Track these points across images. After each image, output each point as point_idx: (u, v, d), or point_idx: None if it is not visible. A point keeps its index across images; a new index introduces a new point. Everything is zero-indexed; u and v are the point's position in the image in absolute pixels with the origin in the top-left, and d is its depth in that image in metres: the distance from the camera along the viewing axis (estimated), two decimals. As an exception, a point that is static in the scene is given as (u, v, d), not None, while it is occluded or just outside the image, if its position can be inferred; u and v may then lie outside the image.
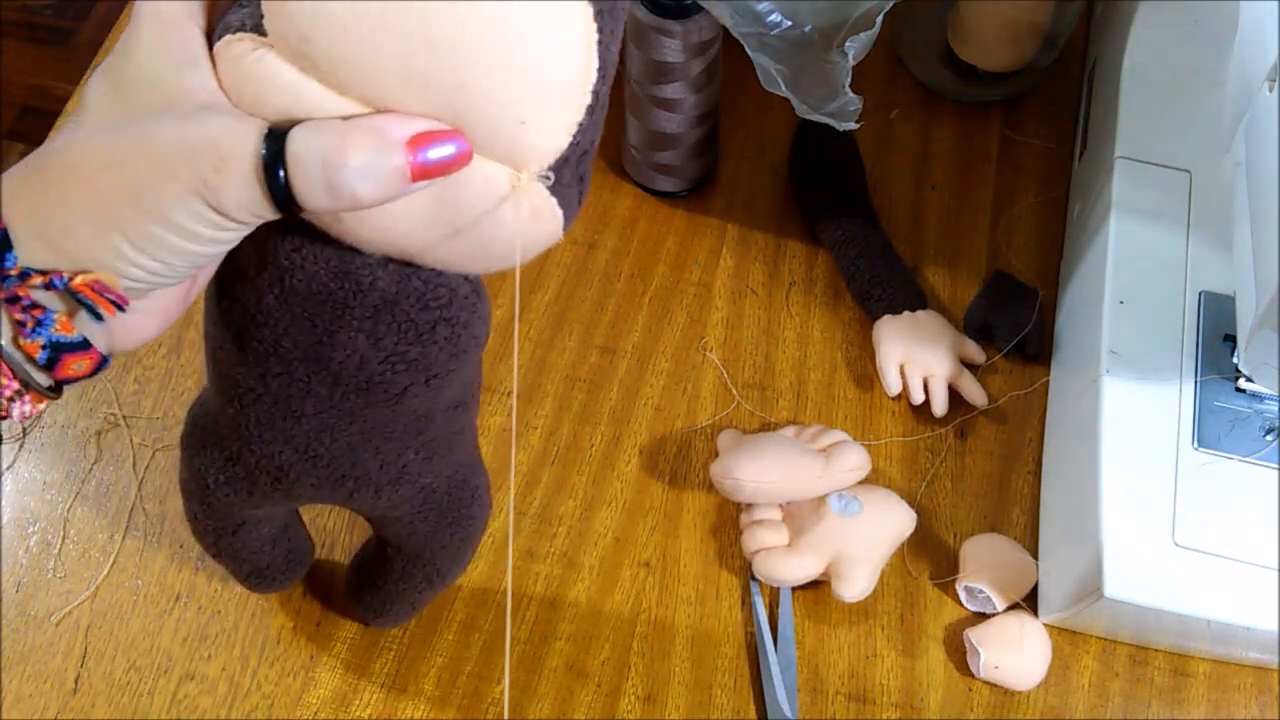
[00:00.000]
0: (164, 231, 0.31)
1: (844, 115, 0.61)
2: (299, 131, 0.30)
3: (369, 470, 0.44)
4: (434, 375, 0.40)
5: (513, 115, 0.32)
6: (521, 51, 0.31)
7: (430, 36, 0.30)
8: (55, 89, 1.69)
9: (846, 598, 0.60)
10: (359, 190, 0.30)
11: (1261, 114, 0.49)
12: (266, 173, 0.30)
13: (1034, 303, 0.70)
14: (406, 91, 0.31)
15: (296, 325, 0.37)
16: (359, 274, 0.36)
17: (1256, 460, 0.58)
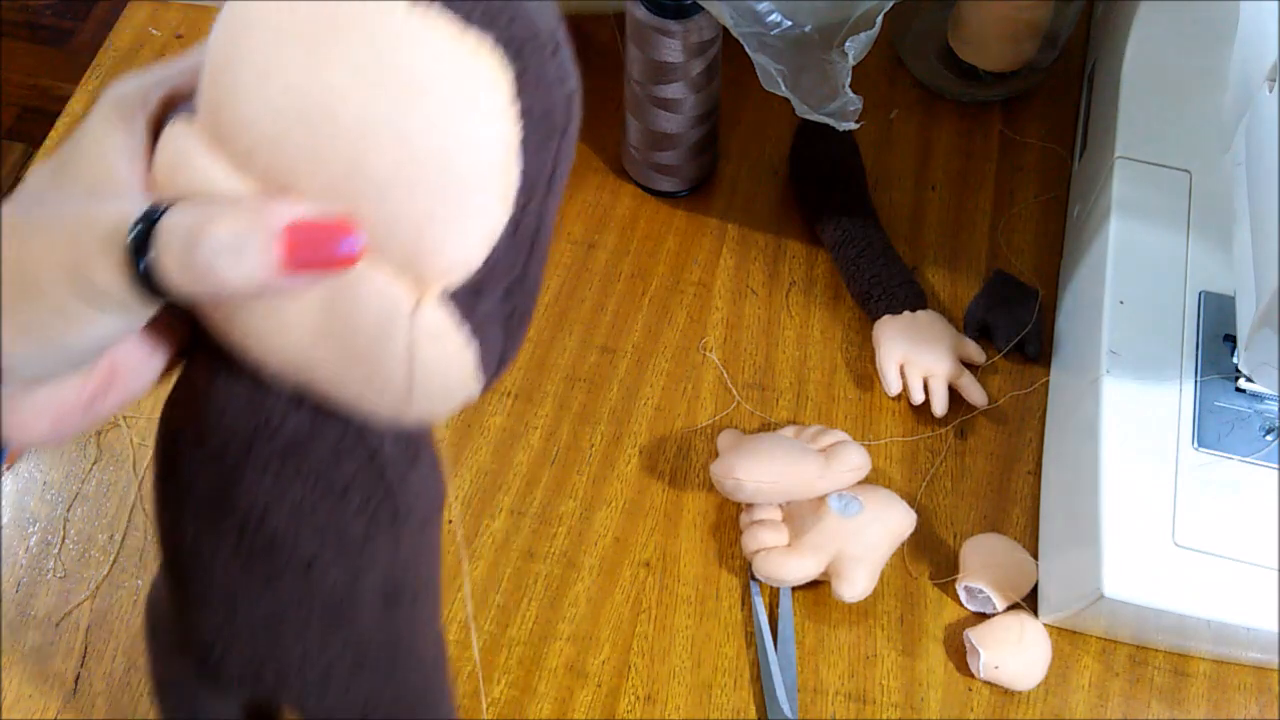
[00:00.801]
0: (42, 313, 0.28)
1: (844, 115, 0.61)
2: (174, 208, 0.28)
3: (290, 658, 0.37)
4: (346, 549, 0.34)
5: (415, 213, 0.29)
6: (424, 131, 0.28)
7: (329, 107, 0.28)
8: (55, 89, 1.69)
9: (846, 598, 0.60)
10: (220, 269, 0.27)
11: (1261, 114, 0.49)
12: (133, 251, 0.28)
13: (1034, 303, 0.70)
14: (305, 170, 0.29)
15: (208, 461, 0.34)
16: (269, 409, 0.32)
17: (1256, 460, 0.58)
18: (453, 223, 0.29)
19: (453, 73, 0.28)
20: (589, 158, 0.77)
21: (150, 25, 0.82)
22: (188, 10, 0.83)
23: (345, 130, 0.28)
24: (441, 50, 0.28)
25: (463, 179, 0.29)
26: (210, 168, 0.29)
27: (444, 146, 0.28)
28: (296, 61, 0.28)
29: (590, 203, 0.76)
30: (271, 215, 0.28)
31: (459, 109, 0.28)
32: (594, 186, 0.76)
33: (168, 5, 0.83)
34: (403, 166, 0.28)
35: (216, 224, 0.27)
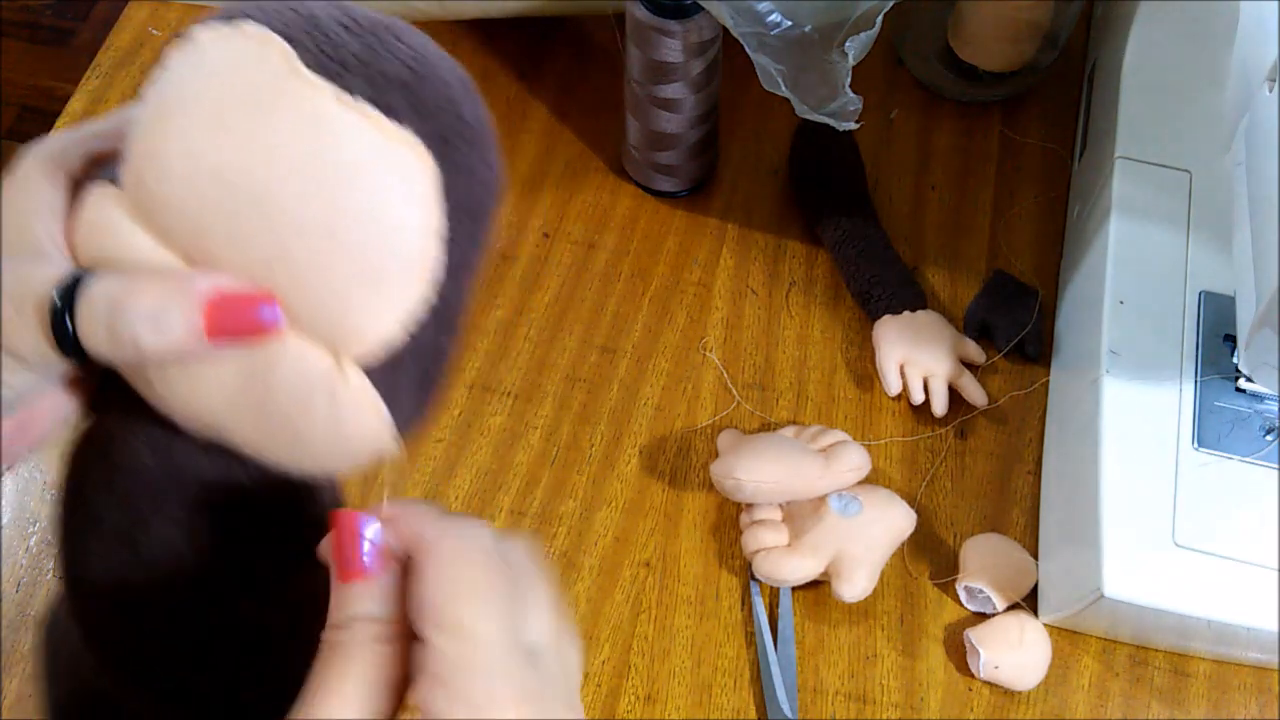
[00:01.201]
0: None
1: (844, 115, 0.61)
2: (98, 276, 0.29)
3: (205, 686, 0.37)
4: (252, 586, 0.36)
5: (337, 296, 0.29)
6: (348, 218, 0.29)
7: (255, 191, 0.29)
8: (55, 89, 1.69)
9: (846, 598, 0.60)
10: (140, 335, 0.28)
11: (1261, 114, 0.49)
12: (54, 313, 0.29)
13: (1034, 303, 0.70)
14: (229, 248, 0.29)
15: (116, 506, 0.34)
16: (179, 458, 0.33)
17: (1256, 460, 0.58)
18: (373, 305, 0.30)
19: (379, 164, 0.29)
20: (589, 158, 0.77)
21: (150, 25, 0.82)
22: (188, 10, 0.83)
23: (270, 216, 0.29)
24: (369, 142, 0.29)
25: (386, 266, 0.30)
26: (135, 238, 0.30)
27: (368, 235, 0.29)
28: (223, 145, 0.29)
29: (590, 203, 0.76)
30: (193, 286, 0.29)
31: (384, 200, 0.29)
32: (594, 186, 0.76)
33: (168, 5, 0.83)
34: (327, 252, 0.29)
35: (139, 294, 0.28)
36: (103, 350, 0.29)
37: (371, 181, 0.29)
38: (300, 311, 0.30)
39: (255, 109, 0.29)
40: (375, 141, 0.29)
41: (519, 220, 0.75)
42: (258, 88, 0.29)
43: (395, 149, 0.29)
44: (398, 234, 0.30)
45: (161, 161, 0.29)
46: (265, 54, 0.29)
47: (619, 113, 0.74)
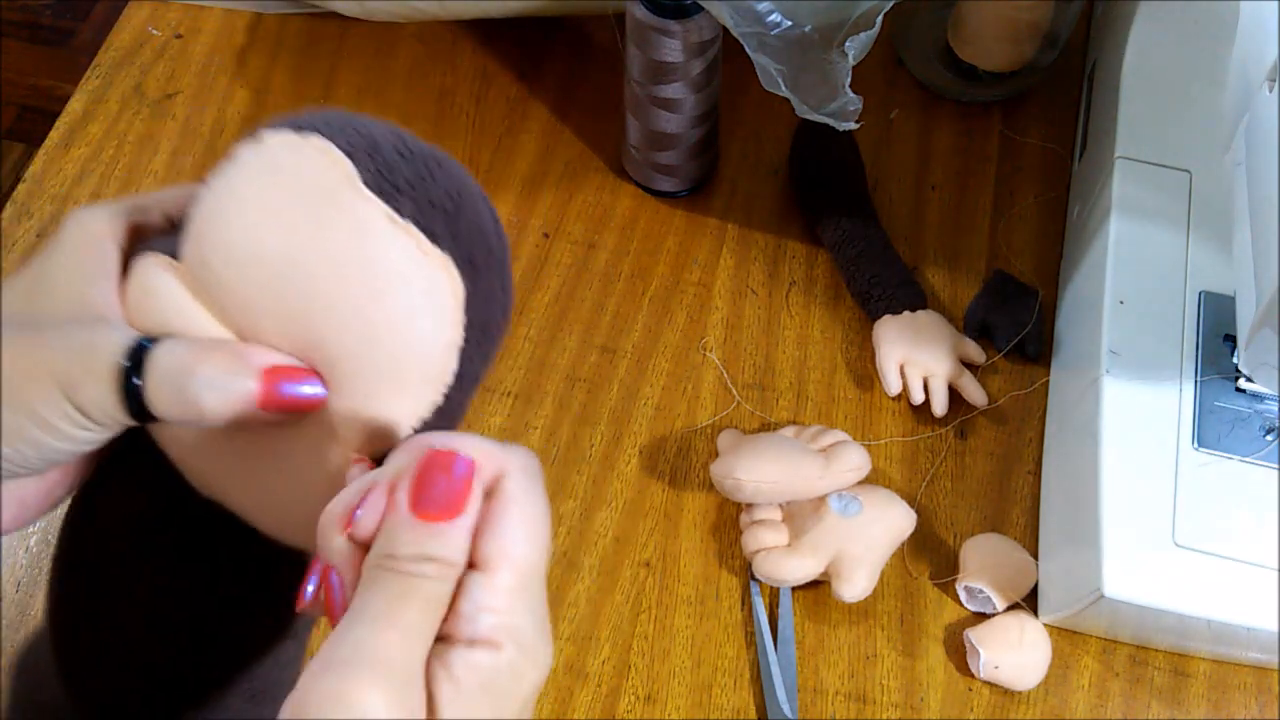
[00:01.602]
0: (28, 424, 0.32)
1: (844, 115, 0.61)
2: (165, 341, 0.32)
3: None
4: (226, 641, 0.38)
5: (361, 389, 0.33)
6: (384, 326, 0.32)
7: (306, 286, 0.32)
8: (55, 89, 1.69)
9: (846, 598, 0.60)
10: (205, 400, 0.32)
11: (1261, 114, 0.49)
12: (125, 376, 0.32)
13: (1034, 303, 0.70)
14: (276, 331, 0.33)
15: (118, 551, 0.37)
16: (184, 514, 0.36)
17: (1256, 460, 0.58)
18: (390, 402, 0.34)
19: (418, 280, 0.33)
20: (589, 158, 0.77)
21: (150, 25, 0.82)
22: (188, 10, 0.83)
23: (316, 310, 0.32)
24: (411, 259, 0.33)
25: (409, 371, 0.33)
26: (195, 312, 0.33)
27: (399, 343, 0.33)
28: (284, 241, 0.32)
29: (590, 203, 0.76)
30: (252, 359, 0.32)
31: (418, 313, 0.33)
32: (594, 186, 0.76)
33: (168, 5, 0.83)
34: (360, 353, 0.33)
35: (206, 363, 0.32)
36: (168, 411, 0.32)
37: (409, 295, 0.33)
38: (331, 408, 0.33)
39: (315, 214, 0.32)
40: (417, 260, 0.33)
41: (519, 220, 0.75)
42: (319, 195, 0.33)
43: (433, 268, 0.33)
44: (424, 345, 0.33)
45: (227, 248, 0.33)
46: (329, 167, 0.33)
47: (619, 113, 0.74)
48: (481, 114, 0.79)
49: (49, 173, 0.76)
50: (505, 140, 0.78)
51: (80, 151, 0.77)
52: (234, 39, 0.82)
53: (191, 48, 0.81)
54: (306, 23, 0.83)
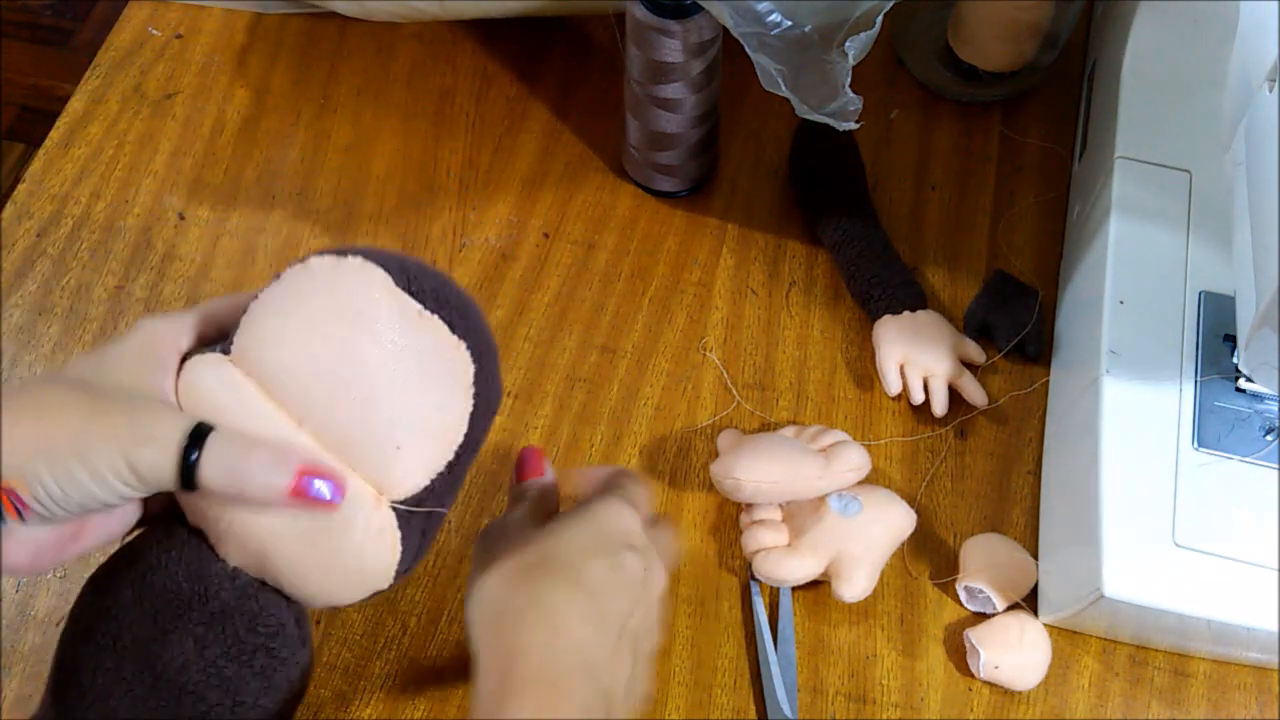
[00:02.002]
0: (82, 471, 0.37)
1: (844, 115, 0.61)
2: (221, 429, 0.39)
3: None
4: (240, 702, 0.42)
5: (392, 448, 0.41)
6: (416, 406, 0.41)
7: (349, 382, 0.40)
8: (55, 89, 1.69)
9: (846, 598, 0.60)
10: (249, 482, 0.38)
11: (1261, 114, 0.49)
12: (185, 450, 0.38)
13: (1034, 303, 0.70)
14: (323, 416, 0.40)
15: (141, 620, 0.41)
16: (209, 580, 0.42)
17: (1256, 460, 0.58)
18: (414, 462, 0.42)
19: (442, 361, 0.42)
20: (589, 158, 0.77)
21: (150, 25, 0.82)
22: (187, 10, 0.83)
23: (360, 397, 0.40)
24: (438, 346, 0.42)
25: (432, 433, 0.42)
26: (255, 397, 0.41)
27: (426, 409, 0.42)
28: (327, 344, 0.40)
29: (590, 203, 0.76)
30: (291, 455, 0.39)
31: (440, 384, 0.42)
32: (594, 186, 0.76)
33: (168, 5, 0.83)
34: (396, 419, 0.41)
35: (258, 452, 0.39)
36: (214, 483, 0.38)
37: (435, 374, 0.42)
38: (362, 459, 0.41)
39: (355, 311, 0.40)
40: (445, 343, 0.42)
41: (519, 220, 0.75)
42: (359, 298, 0.41)
43: (454, 350, 0.42)
44: (445, 413, 0.42)
45: (276, 352, 0.41)
46: (367, 275, 0.41)
47: (619, 113, 0.74)
48: (481, 114, 0.79)
49: (49, 173, 0.76)
50: (505, 140, 0.78)
51: (80, 151, 0.77)
52: (234, 39, 0.82)
53: (191, 48, 0.81)
54: (306, 23, 0.83)
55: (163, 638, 0.41)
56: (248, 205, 0.75)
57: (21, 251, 0.73)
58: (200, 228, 0.74)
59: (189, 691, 0.41)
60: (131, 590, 0.42)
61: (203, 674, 0.41)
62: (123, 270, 0.73)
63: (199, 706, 0.41)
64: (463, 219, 0.75)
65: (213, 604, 0.41)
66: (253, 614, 0.42)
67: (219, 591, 0.41)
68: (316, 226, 0.75)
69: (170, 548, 0.42)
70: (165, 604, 0.41)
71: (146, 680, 0.41)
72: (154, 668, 0.41)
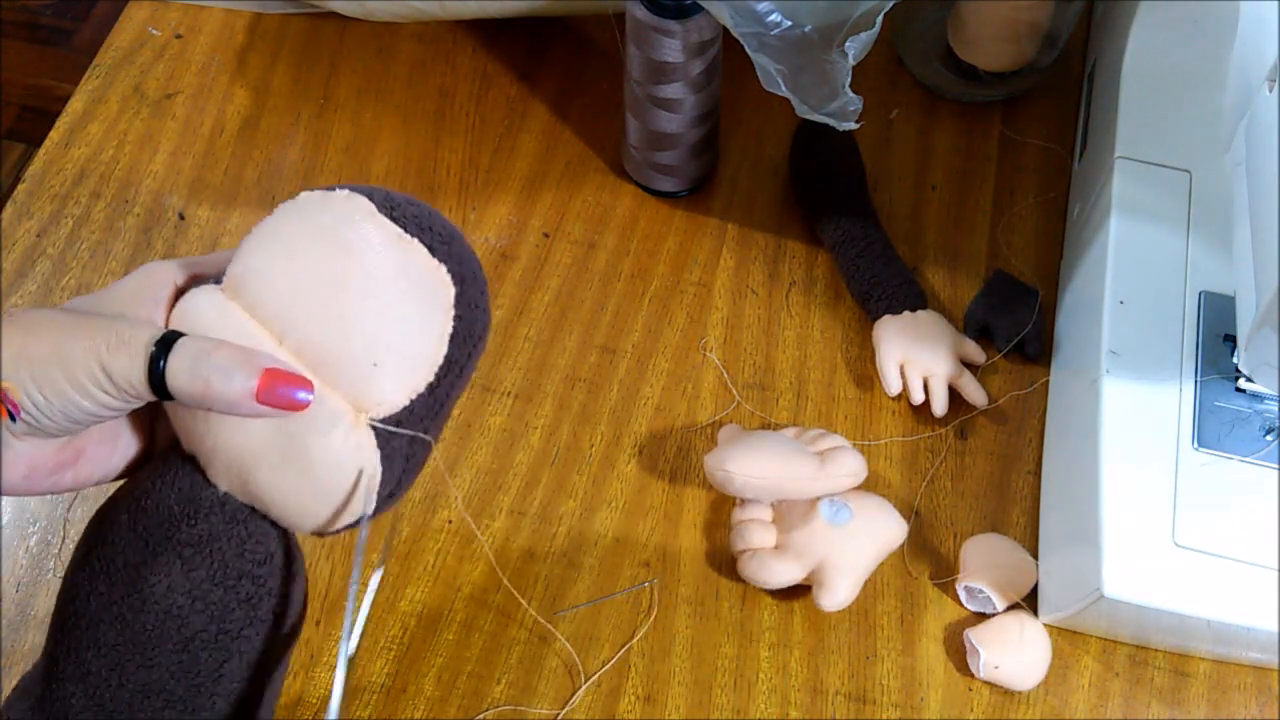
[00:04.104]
0: (60, 377, 0.38)
1: (844, 115, 0.61)
2: (188, 335, 0.39)
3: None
4: (224, 631, 0.42)
5: (370, 364, 0.41)
6: (394, 323, 0.41)
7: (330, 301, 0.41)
8: (55, 89, 1.69)
9: (826, 607, 0.60)
10: (212, 379, 0.38)
11: (1261, 114, 0.49)
12: (154, 355, 0.39)
13: (1034, 303, 0.70)
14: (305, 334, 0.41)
15: (133, 544, 0.42)
16: (198, 503, 0.42)
17: (1256, 460, 0.58)
18: (391, 381, 0.41)
19: (421, 282, 0.42)
20: (589, 158, 0.78)
21: (150, 25, 0.82)
22: (187, 10, 0.83)
23: (338, 314, 0.41)
24: (418, 267, 0.42)
25: (410, 353, 0.42)
26: (242, 320, 0.41)
27: (404, 327, 0.42)
28: (309, 265, 0.41)
29: (590, 203, 0.76)
30: (256, 357, 0.39)
31: (419, 304, 0.42)
32: (594, 186, 0.76)
33: (168, 5, 0.83)
34: (374, 336, 0.41)
35: (219, 350, 0.39)
36: (180, 383, 0.38)
37: (414, 294, 0.42)
38: (340, 376, 0.41)
39: (338, 235, 0.41)
40: (425, 265, 0.42)
41: (519, 220, 0.75)
42: (342, 222, 0.41)
43: (436, 272, 0.42)
44: (424, 333, 0.42)
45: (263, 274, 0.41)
46: (351, 204, 0.42)
47: (619, 113, 0.74)
48: (481, 114, 0.79)
49: (49, 173, 0.76)
50: (505, 140, 0.78)
51: (80, 151, 0.77)
52: (234, 39, 0.82)
53: (191, 48, 0.81)
54: (306, 23, 0.83)
55: (151, 560, 0.41)
56: (248, 205, 0.75)
57: (21, 251, 0.73)
58: (200, 228, 0.74)
59: (174, 615, 0.41)
60: (126, 515, 0.42)
61: (188, 597, 0.41)
62: (123, 270, 0.73)
63: (184, 631, 0.41)
64: (463, 219, 0.75)
65: (201, 527, 0.41)
66: (240, 539, 0.42)
67: (208, 515, 0.42)
68: (316, 226, 0.75)
69: (164, 472, 0.42)
70: (155, 526, 0.42)
71: (135, 603, 0.41)
72: (140, 590, 0.41)
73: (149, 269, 0.43)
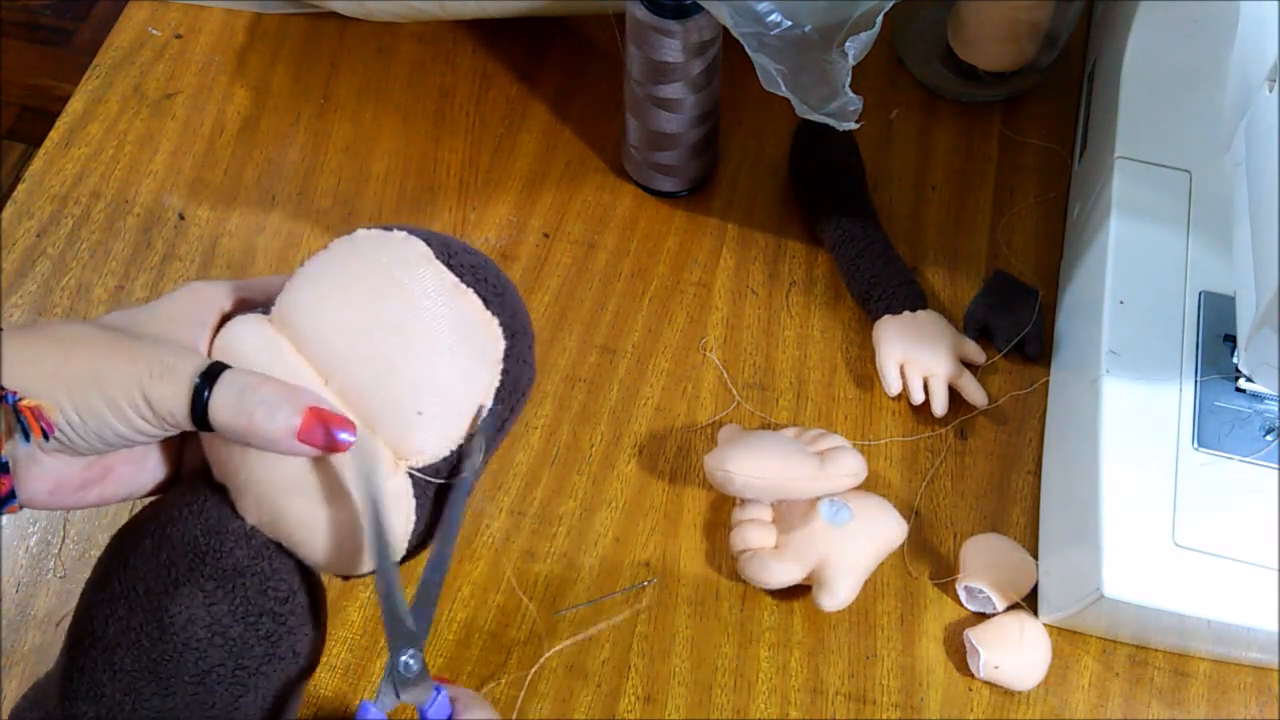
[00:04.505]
0: (99, 400, 0.38)
1: (844, 115, 0.61)
2: (241, 369, 0.39)
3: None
4: (242, 666, 0.41)
5: (414, 415, 0.41)
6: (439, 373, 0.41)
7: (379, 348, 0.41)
8: (55, 89, 1.69)
9: (826, 607, 0.60)
10: (256, 416, 0.38)
11: (1261, 114, 0.49)
12: (198, 386, 0.38)
13: (1034, 303, 0.70)
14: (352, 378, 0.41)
15: (155, 571, 0.41)
16: (224, 536, 0.42)
17: (1256, 460, 0.58)
18: (435, 424, 0.41)
19: (472, 334, 0.42)
20: (589, 158, 0.77)
21: (150, 25, 0.82)
22: (187, 10, 0.83)
23: (387, 359, 0.40)
24: (470, 319, 0.42)
25: (455, 403, 0.42)
26: (289, 355, 0.41)
27: (452, 377, 0.41)
28: (362, 306, 0.41)
29: (590, 203, 0.76)
30: (300, 394, 0.39)
31: (469, 356, 0.42)
32: (594, 186, 0.76)
33: (168, 5, 0.83)
34: (421, 385, 0.41)
35: (266, 386, 0.39)
36: (224, 418, 0.38)
37: (466, 346, 0.42)
38: (383, 421, 0.41)
39: (394, 279, 0.41)
40: (478, 316, 0.42)
41: (519, 220, 0.75)
42: (399, 267, 0.41)
43: (489, 325, 0.42)
44: (470, 386, 0.42)
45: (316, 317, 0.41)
46: (409, 247, 0.42)
47: (619, 113, 0.74)
48: (481, 114, 0.79)
49: (49, 173, 0.76)
50: (505, 140, 0.78)
51: (80, 151, 0.77)
52: (234, 39, 0.82)
53: (191, 48, 0.81)
54: (306, 23, 0.83)
55: (173, 590, 0.41)
56: (248, 205, 0.75)
57: (21, 251, 0.73)
58: (200, 228, 0.74)
59: (192, 648, 0.41)
60: (150, 540, 0.42)
61: (208, 631, 0.41)
62: (123, 270, 0.73)
63: (201, 664, 0.41)
64: (463, 219, 0.75)
65: (226, 561, 0.41)
66: (264, 576, 0.42)
67: (233, 549, 0.41)
68: (316, 227, 0.75)
69: (192, 501, 0.42)
70: (180, 556, 0.41)
71: (153, 632, 0.41)
72: (160, 620, 0.41)
73: (196, 289, 0.43)
